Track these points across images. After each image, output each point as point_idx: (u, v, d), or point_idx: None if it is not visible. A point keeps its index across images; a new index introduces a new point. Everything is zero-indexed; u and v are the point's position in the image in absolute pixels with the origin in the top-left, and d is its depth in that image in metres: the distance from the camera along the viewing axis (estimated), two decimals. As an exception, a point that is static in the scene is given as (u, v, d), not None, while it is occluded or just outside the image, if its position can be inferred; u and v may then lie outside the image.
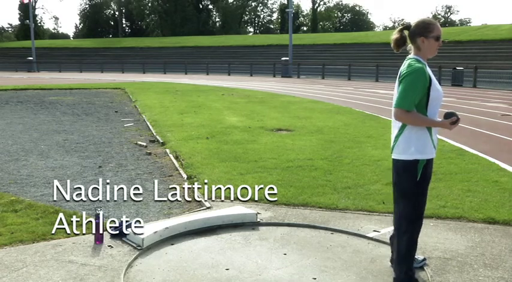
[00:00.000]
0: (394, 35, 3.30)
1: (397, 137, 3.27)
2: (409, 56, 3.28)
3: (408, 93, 3.12)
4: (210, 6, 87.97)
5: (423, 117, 3.19)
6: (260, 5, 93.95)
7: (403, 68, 3.24)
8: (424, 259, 3.65)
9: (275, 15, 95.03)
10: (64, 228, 4.36)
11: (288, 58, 39.21)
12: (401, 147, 3.25)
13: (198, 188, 5.72)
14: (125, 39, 72.80)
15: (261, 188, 4.73)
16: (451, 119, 3.17)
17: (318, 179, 6.11)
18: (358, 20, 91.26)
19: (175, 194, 5.68)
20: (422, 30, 3.21)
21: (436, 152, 3.32)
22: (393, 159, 3.33)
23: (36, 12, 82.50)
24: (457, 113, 3.22)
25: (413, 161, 3.21)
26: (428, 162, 3.26)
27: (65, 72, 45.72)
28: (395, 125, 3.29)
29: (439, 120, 3.23)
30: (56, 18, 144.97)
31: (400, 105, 3.13)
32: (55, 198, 5.41)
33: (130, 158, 7.74)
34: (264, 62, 43.72)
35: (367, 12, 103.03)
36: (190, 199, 5.43)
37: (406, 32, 3.28)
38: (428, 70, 3.21)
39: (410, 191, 3.27)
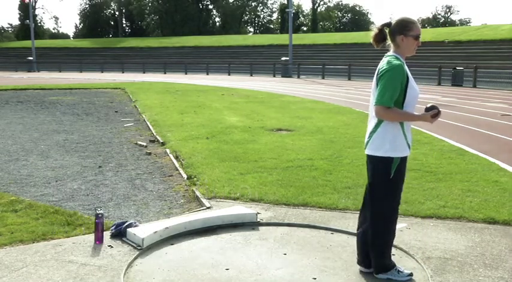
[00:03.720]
0: (374, 31, 3.34)
1: (371, 133, 3.31)
2: (388, 53, 3.32)
3: (387, 89, 3.16)
4: (210, 6, 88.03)
5: (404, 112, 3.23)
6: (260, 5, 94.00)
7: (381, 64, 3.28)
8: (411, 273, 3.50)
9: (275, 15, 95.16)
10: (64, 228, 4.37)
11: (288, 58, 39.20)
12: (375, 143, 3.29)
13: (198, 187, 5.72)
14: (125, 39, 72.78)
15: (261, 188, 4.73)
16: (432, 111, 3.21)
17: (318, 179, 6.11)
18: (358, 20, 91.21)
19: (176, 193, 5.68)
20: (401, 29, 3.26)
21: (410, 150, 3.36)
22: (367, 155, 3.37)
23: (36, 12, 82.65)
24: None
25: (387, 158, 3.25)
26: (402, 161, 3.30)
27: (65, 72, 45.72)
28: (371, 121, 3.34)
29: (419, 113, 3.27)
30: (56, 18, 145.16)
31: (381, 102, 3.17)
32: (55, 198, 5.43)
33: (130, 158, 7.74)
34: (264, 62, 43.72)
35: (367, 12, 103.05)
36: (190, 199, 5.44)
37: (386, 30, 3.32)
38: (406, 68, 3.26)
39: (384, 188, 3.32)
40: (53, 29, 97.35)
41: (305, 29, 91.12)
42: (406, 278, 3.42)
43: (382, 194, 3.34)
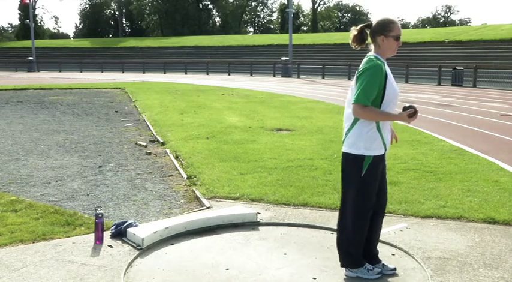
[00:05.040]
0: (354, 31, 3.35)
1: (348, 131, 3.35)
2: (369, 54, 3.33)
3: (365, 88, 3.17)
4: (210, 6, 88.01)
5: (380, 111, 3.24)
6: (260, 5, 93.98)
7: (361, 64, 3.29)
8: (381, 271, 3.50)
9: (275, 15, 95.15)
10: (64, 228, 4.36)
11: (288, 58, 39.20)
12: (350, 141, 3.32)
13: (198, 187, 5.72)
14: (125, 39, 72.73)
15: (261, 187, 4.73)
16: (408, 111, 3.21)
17: (318, 179, 6.11)
18: (358, 20, 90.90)
19: (176, 193, 5.68)
20: (382, 29, 3.27)
21: (387, 149, 3.38)
22: (342, 152, 3.40)
23: (36, 12, 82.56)
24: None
25: (360, 156, 3.27)
26: (376, 159, 3.30)
27: (65, 72, 45.72)
28: (347, 120, 3.36)
29: (396, 113, 3.28)
30: (56, 18, 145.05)
31: (358, 100, 3.18)
32: (55, 198, 5.43)
33: (130, 158, 7.74)
34: (264, 62, 43.70)
35: (367, 12, 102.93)
36: (190, 199, 5.44)
37: (367, 31, 3.33)
38: (387, 68, 3.28)
39: (355, 186, 3.33)
40: (53, 29, 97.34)
41: (305, 29, 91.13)
42: (375, 277, 3.43)
43: (354, 192, 3.35)
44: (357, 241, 3.44)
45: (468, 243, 4.09)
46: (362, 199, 3.36)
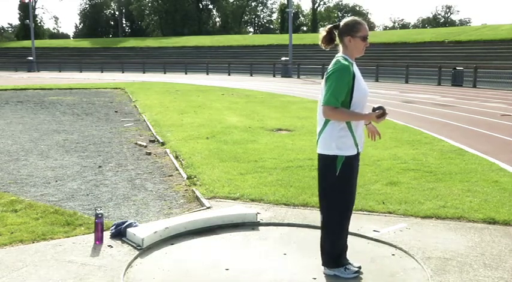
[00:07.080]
0: (322, 32, 3.39)
1: (320, 132, 3.38)
2: (337, 55, 3.38)
3: (334, 90, 3.21)
4: (210, 6, 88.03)
5: (350, 112, 3.28)
6: (260, 5, 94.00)
7: (330, 65, 3.33)
8: (358, 271, 3.52)
9: (275, 15, 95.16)
10: (64, 228, 4.37)
11: (288, 58, 39.19)
12: (323, 142, 3.36)
13: (198, 187, 5.72)
14: (125, 39, 72.69)
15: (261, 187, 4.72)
16: (377, 112, 3.26)
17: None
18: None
19: (176, 193, 5.68)
20: (349, 30, 3.31)
21: (361, 148, 3.40)
22: (317, 154, 3.43)
23: (36, 12, 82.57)
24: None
25: (333, 157, 3.30)
26: (349, 159, 3.32)
27: (64, 72, 45.71)
28: (319, 121, 3.39)
29: (366, 113, 3.32)
30: (56, 18, 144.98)
31: (327, 102, 3.22)
32: (55, 198, 5.43)
33: (130, 158, 7.74)
34: (264, 62, 43.67)
35: (367, 12, 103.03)
36: (190, 199, 5.44)
37: (336, 31, 3.37)
38: (355, 69, 3.31)
39: (331, 186, 3.36)
40: (53, 29, 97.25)
41: (305, 29, 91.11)
42: (352, 276, 3.45)
43: (332, 192, 3.38)
44: (339, 241, 3.48)
45: (468, 243, 4.09)
46: (340, 199, 3.39)
